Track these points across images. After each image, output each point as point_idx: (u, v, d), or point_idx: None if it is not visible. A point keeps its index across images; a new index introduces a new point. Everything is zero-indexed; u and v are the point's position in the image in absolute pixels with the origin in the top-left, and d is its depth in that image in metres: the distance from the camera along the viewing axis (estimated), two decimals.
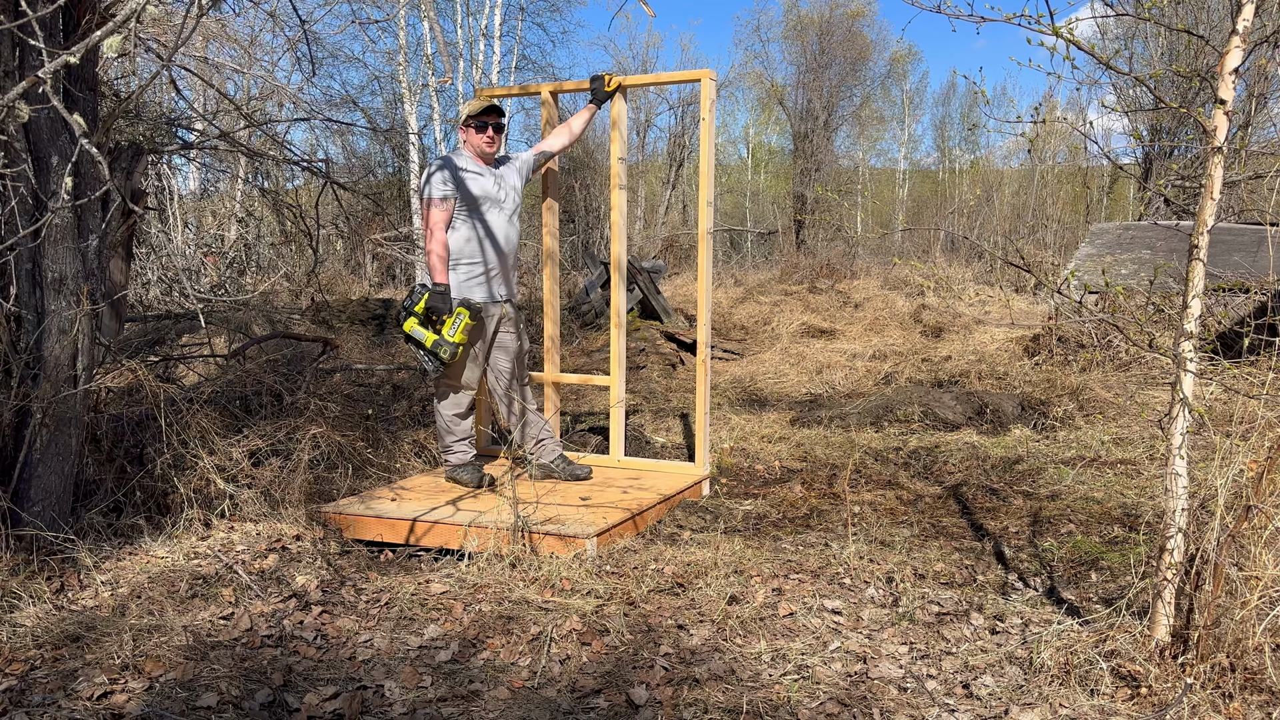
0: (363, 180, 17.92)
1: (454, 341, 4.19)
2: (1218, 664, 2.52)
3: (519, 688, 2.70)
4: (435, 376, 4.36)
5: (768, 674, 2.80)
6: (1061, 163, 23.07)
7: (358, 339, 8.92)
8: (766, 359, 9.30)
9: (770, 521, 4.46)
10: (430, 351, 4.21)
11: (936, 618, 3.22)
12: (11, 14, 3.16)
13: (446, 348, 4.17)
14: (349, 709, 2.53)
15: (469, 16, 19.90)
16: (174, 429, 4.15)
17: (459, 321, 4.21)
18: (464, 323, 4.21)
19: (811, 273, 14.42)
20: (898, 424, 6.43)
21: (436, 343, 4.18)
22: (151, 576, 3.30)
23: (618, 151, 4.87)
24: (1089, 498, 4.62)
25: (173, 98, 7.66)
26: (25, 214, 3.34)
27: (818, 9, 27.34)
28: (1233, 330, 3.11)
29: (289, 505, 4.00)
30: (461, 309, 4.23)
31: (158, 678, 2.66)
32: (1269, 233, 4.01)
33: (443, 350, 4.17)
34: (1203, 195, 2.71)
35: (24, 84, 1.49)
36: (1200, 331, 2.72)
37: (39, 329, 3.43)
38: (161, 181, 10.09)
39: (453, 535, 3.84)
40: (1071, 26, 2.79)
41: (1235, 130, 3.19)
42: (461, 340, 4.21)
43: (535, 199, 11.04)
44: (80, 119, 1.48)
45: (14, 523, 3.33)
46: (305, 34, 2.82)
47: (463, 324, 4.22)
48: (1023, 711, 2.54)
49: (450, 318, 4.23)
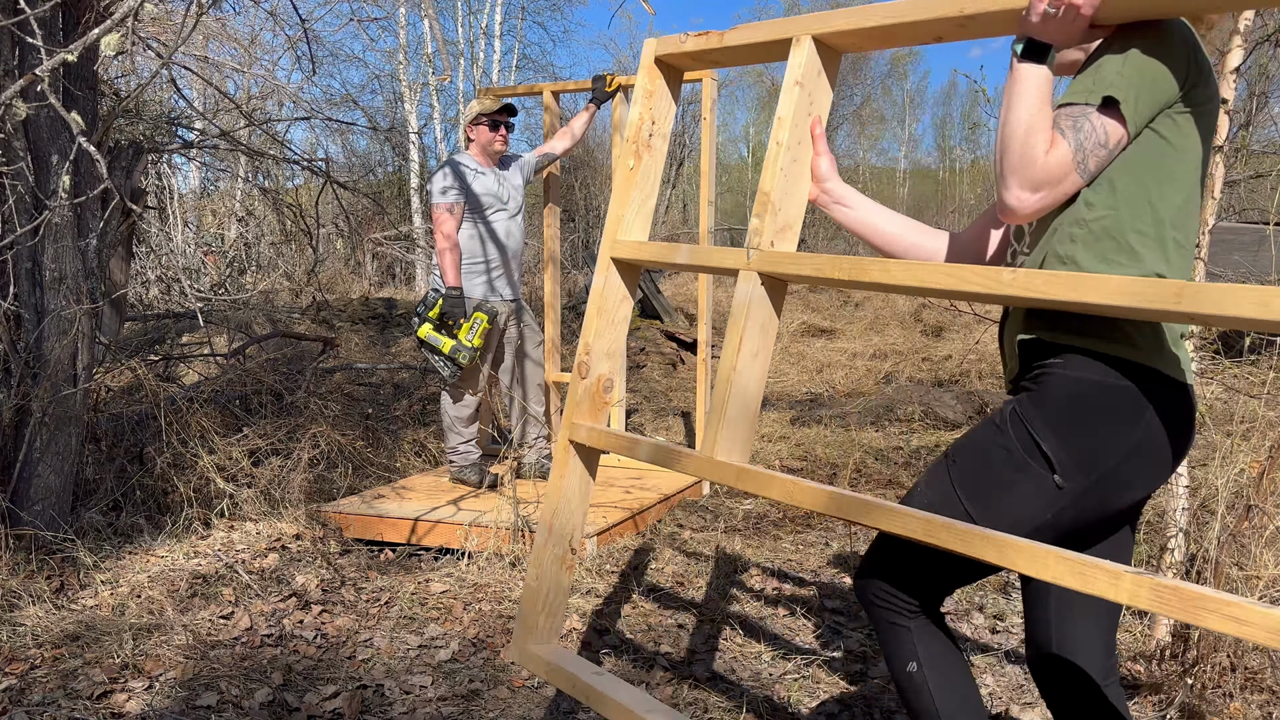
0: (363, 179, 17.91)
1: (472, 346, 4.17)
2: (1218, 664, 2.52)
3: (519, 688, 2.70)
4: (452, 381, 4.33)
5: (768, 674, 2.79)
6: None
7: (358, 338, 8.92)
8: None
9: (770, 521, 4.45)
10: (448, 357, 4.19)
11: None
12: (10, 12, 3.15)
13: (465, 352, 4.15)
14: (349, 709, 2.53)
15: (469, 15, 19.91)
16: (174, 428, 4.15)
17: (477, 325, 4.19)
18: (482, 327, 4.19)
19: None
20: (898, 423, 6.43)
21: (455, 348, 4.16)
22: (151, 576, 3.30)
23: (618, 151, 4.87)
24: None
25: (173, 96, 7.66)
26: (24, 213, 3.34)
27: (818, 9, 27.36)
28: (1234, 330, 3.11)
29: (289, 505, 3.99)
30: (480, 313, 4.22)
31: (158, 677, 2.65)
32: (1270, 232, 4.01)
33: (461, 355, 4.15)
34: (1203, 194, 2.70)
35: (22, 82, 1.49)
36: (1201, 331, 2.71)
37: (39, 328, 3.43)
38: (161, 180, 10.09)
39: (453, 535, 3.84)
40: None
41: (1236, 130, 3.19)
42: (479, 345, 4.20)
43: (536, 198, 11.04)
44: (78, 117, 1.48)
45: (14, 522, 3.32)
46: (305, 33, 2.81)
47: (481, 328, 4.20)
48: (1023, 711, 2.54)
49: (467, 322, 4.21)
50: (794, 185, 1.66)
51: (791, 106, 1.62)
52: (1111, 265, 1.40)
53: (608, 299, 1.99)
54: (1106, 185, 1.40)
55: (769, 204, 1.63)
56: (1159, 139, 1.39)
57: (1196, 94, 1.40)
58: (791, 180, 1.65)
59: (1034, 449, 1.41)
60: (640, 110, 1.91)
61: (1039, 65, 1.36)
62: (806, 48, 1.62)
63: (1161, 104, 1.38)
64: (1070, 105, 1.38)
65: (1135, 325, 1.39)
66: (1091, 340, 1.40)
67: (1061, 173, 1.36)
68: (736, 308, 1.65)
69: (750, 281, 1.62)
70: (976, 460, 1.47)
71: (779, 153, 1.63)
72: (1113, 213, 1.40)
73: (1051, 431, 1.40)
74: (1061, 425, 1.40)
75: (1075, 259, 1.42)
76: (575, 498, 1.99)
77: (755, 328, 1.65)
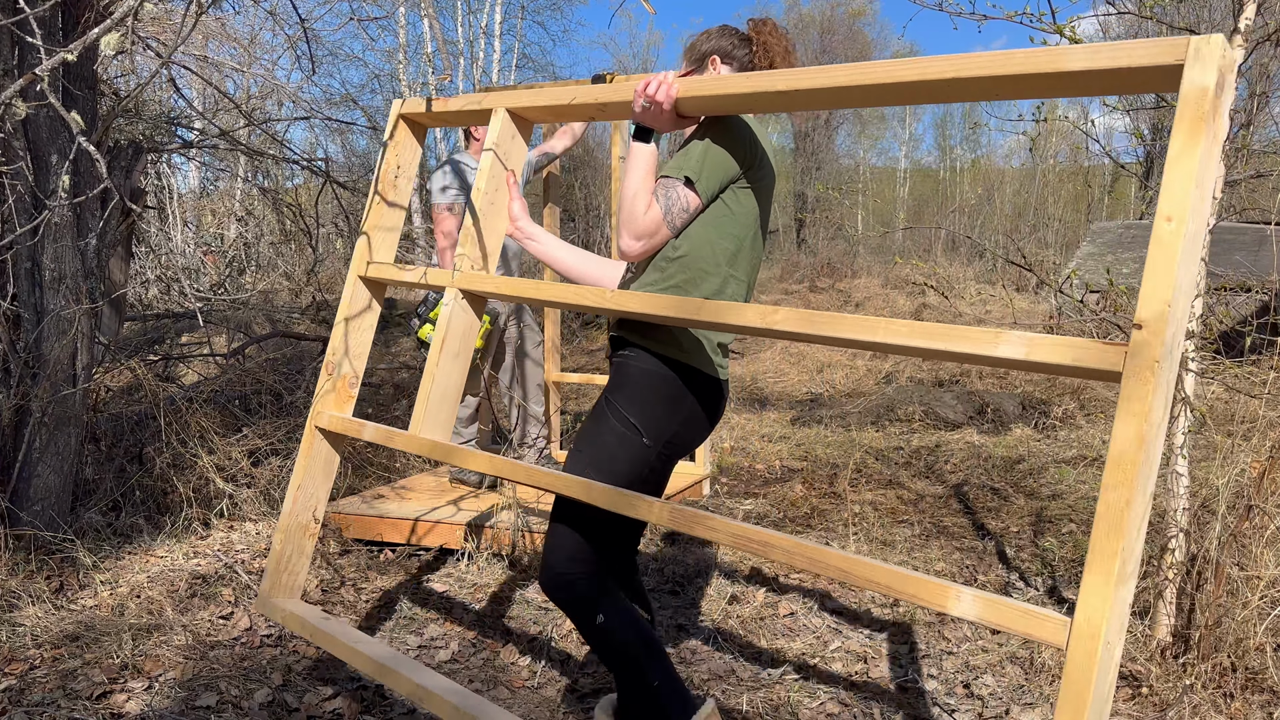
0: (363, 179, 17.90)
1: (474, 348, 4.18)
2: (1219, 664, 2.52)
3: (519, 688, 2.70)
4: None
5: (767, 674, 2.79)
6: (1063, 162, 23.06)
7: None
8: (767, 358, 9.29)
9: (771, 521, 4.45)
10: None
11: (937, 617, 3.21)
12: (9, 11, 3.15)
13: None
14: (349, 709, 2.52)
15: (469, 14, 19.90)
16: (173, 428, 4.14)
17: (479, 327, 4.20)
18: (483, 328, 4.19)
19: (812, 271, 14.40)
20: (898, 423, 6.43)
21: None
22: (151, 576, 3.30)
23: (619, 150, 4.87)
24: (1090, 497, 4.62)
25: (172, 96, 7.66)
26: (24, 212, 3.34)
27: (819, 8, 27.36)
28: (1234, 329, 3.11)
29: None
30: (483, 314, 4.22)
31: (157, 677, 2.65)
32: (1271, 232, 4.00)
33: None
34: None
35: (21, 81, 1.48)
36: (1202, 331, 2.71)
37: (38, 328, 3.43)
38: (161, 180, 10.09)
39: (453, 535, 3.83)
40: (1074, 25, 2.78)
41: (1237, 129, 3.19)
42: (479, 345, 4.19)
43: (536, 198, 11.03)
44: (78, 117, 1.47)
45: (13, 522, 3.32)
46: (305, 32, 2.81)
47: (482, 329, 4.20)
48: (1023, 711, 2.54)
49: None
50: (492, 222, 2.14)
51: (489, 163, 2.11)
52: (682, 289, 1.90)
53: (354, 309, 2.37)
54: (686, 234, 1.91)
55: (470, 236, 2.11)
56: (723, 204, 1.91)
57: (753, 174, 1.93)
58: (489, 219, 2.12)
59: (627, 421, 1.90)
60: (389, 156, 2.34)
61: (646, 144, 1.87)
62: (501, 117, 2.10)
63: (726, 181, 1.89)
64: (665, 178, 1.88)
65: (681, 332, 1.92)
66: (651, 341, 1.92)
67: (655, 227, 1.87)
68: (441, 319, 2.10)
69: (454, 295, 2.09)
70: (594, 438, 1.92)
71: (479, 197, 2.10)
72: (688, 254, 1.90)
73: (634, 407, 1.90)
74: (636, 402, 1.90)
75: (658, 284, 1.92)
76: (319, 474, 2.38)
77: (457, 332, 2.12)
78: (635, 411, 1.89)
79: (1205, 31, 1.48)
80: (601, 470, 1.88)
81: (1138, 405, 1.24)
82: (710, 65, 2.05)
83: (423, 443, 2.04)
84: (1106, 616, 1.21)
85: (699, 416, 1.97)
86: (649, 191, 1.85)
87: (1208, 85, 1.26)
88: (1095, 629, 1.21)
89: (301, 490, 2.35)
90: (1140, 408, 1.23)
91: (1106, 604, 1.21)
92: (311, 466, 2.36)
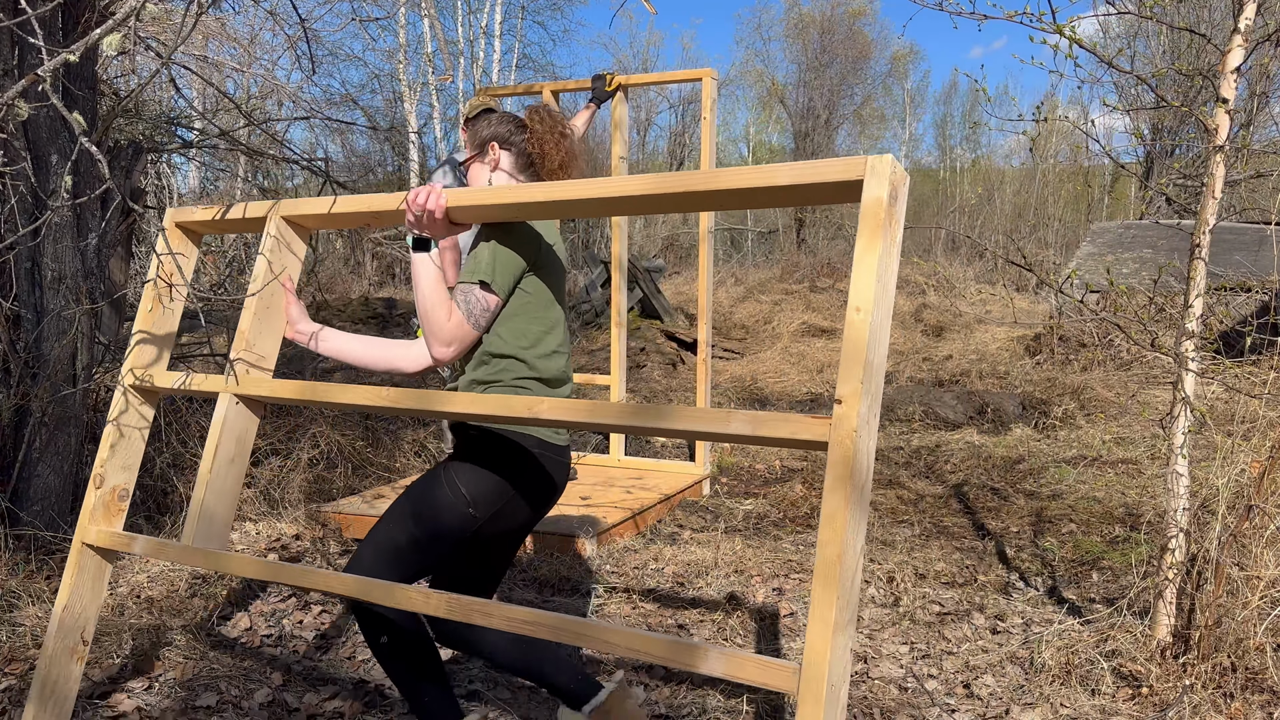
0: (363, 179, 17.91)
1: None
2: (1219, 664, 2.52)
3: (519, 688, 2.70)
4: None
5: None
6: (1063, 161, 23.05)
7: None
8: (767, 358, 9.29)
9: (771, 521, 4.45)
10: None
11: (937, 617, 3.21)
12: (10, 12, 3.15)
13: None
14: (349, 709, 2.53)
15: (469, 14, 19.90)
16: (173, 428, 4.15)
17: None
18: None
19: (812, 271, 14.40)
20: (899, 423, 6.43)
21: None
22: (151, 576, 3.30)
23: (619, 150, 4.87)
24: (1090, 497, 4.62)
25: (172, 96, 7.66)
26: (24, 212, 3.34)
27: (819, 7, 27.36)
28: (1235, 329, 3.11)
29: (288, 505, 3.99)
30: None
31: (157, 677, 2.65)
32: (1271, 232, 4.01)
33: None
34: (1204, 194, 2.70)
35: (23, 82, 1.48)
36: (1202, 330, 2.71)
37: (38, 328, 3.43)
38: (161, 180, 10.09)
39: None
40: (1074, 25, 2.78)
41: (1237, 129, 3.19)
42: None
43: None
44: (79, 117, 1.47)
45: (13, 522, 3.32)
46: (305, 32, 2.81)
47: None
48: (1024, 711, 2.54)
49: None
50: (267, 325, 2.11)
51: (263, 268, 2.09)
52: (501, 373, 1.99)
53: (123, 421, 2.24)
54: (496, 330, 1.99)
55: (244, 340, 2.06)
56: (523, 293, 2.00)
57: (541, 262, 2.01)
58: (264, 322, 2.10)
59: (457, 490, 1.96)
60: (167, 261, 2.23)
61: (426, 253, 1.95)
62: (276, 224, 2.10)
63: (519, 275, 1.98)
64: (463, 283, 1.96)
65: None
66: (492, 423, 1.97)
67: (461, 333, 1.95)
68: (215, 422, 2.02)
69: (228, 401, 2.02)
70: (422, 499, 1.99)
71: (253, 302, 2.07)
72: (501, 342, 1.99)
73: (466, 479, 1.96)
74: (472, 475, 1.97)
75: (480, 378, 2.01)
76: (88, 591, 2.22)
77: (232, 438, 2.03)
78: (469, 484, 1.96)
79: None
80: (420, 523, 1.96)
81: (842, 469, 1.34)
82: (490, 150, 2.16)
83: (195, 554, 1.95)
84: (829, 661, 1.30)
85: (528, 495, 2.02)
86: (445, 300, 1.93)
87: (882, 196, 1.41)
88: (820, 674, 1.30)
89: (68, 611, 2.18)
90: (844, 471, 1.34)
91: (827, 650, 1.30)
92: (79, 585, 2.19)
